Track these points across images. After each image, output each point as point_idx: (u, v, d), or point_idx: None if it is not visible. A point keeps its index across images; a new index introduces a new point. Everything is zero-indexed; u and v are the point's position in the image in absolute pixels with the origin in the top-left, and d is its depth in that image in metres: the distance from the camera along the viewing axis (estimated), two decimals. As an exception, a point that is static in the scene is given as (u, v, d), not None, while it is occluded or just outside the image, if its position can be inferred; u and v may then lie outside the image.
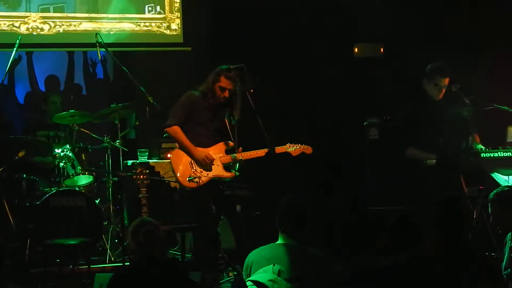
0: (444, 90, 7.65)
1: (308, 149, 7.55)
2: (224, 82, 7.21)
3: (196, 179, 7.04)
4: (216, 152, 7.26)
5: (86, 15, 9.65)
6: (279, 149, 7.34)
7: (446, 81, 7.64)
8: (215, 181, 7.20)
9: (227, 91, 7.22)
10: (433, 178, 7.47)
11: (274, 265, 5.14)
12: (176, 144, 7.36)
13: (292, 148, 7.49)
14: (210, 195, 7.16)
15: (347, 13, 9.76)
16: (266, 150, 7.18)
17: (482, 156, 7.37)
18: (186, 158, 7.17)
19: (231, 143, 7.29)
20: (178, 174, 7.17)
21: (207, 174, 7.16)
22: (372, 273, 4.72)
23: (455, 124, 7.69)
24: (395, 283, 4.60)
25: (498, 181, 7.35)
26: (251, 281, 5.16)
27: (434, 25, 9.67)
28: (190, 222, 7.37)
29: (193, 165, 7.15)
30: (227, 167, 7.27)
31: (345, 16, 9.80)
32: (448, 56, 8.13)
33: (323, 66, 9.71)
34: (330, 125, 9.66)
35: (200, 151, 7.17)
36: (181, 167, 7.17)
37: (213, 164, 7.18)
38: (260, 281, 5.08)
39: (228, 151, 7.30)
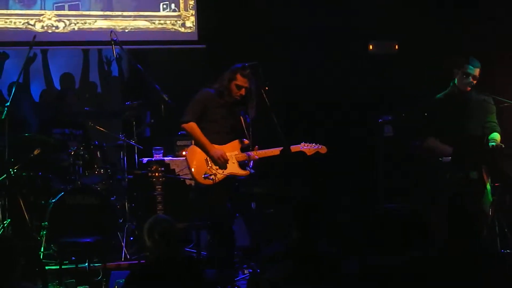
0: (475, 82, 7.50)
1: (322, 149, 7.55)
2: (240, 80, 7.20)
3: (212, 176, 7.04)
4: (231, 150, 7.25)
5: (101, 13, 9.67)
6: (293, 148, 7.33)
7: (478, 72, 7.48)
8: (230, 179, 7.20)
9: (243, 89, 7.21)
10: (449, 175, 7.40)
11: (288, 261, 5.14)
12: (192, 141, 7.36)
13: (307, 148, 7.49)
14: (225, 193, 7.15)
15: (363, 9, 9.73)
16: (281, 148, 7.18)
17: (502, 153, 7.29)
18: (201, 155, 7.16)
19: (246, 141, 7.27)
20: (193, 171, 7.16)
21: (223, 172, 7.14)
22: (382, 272, 4.70)
23: (479, 119, 7.59)
24: (406, 282, 4.58)
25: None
26: (266, 278, 5.16)
27: (449, 23, 9.64)
28: (205, 220, 7.36)
29: (209, 162, 7.14)
30: (242, 165, 7.27)
31: (360, 12, 9.77)
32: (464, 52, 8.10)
33: (338, 63, 9.69)
34: (344, 122, 9.63)
35: (216, 149, 7.17)
36: (196, 163, 7.15)
37: (228, 162, 7.18)
38: (276, 278, 5.08)
39: (243, 149, 7.29)
